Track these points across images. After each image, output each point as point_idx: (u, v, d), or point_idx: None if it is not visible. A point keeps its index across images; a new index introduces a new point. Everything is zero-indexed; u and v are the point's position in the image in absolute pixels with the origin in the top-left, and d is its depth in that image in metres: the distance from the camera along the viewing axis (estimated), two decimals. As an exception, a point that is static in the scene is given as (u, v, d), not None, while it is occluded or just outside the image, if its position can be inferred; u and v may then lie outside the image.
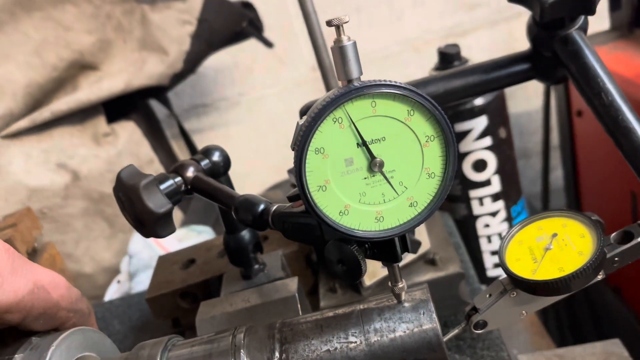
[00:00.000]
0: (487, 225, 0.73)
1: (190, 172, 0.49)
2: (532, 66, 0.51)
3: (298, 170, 0.32)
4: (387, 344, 0.37)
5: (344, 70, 0.32)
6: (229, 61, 1.31)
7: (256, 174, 1.40)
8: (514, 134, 0.74)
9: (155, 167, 0.98)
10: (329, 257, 0.37)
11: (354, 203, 0.33)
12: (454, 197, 0.71)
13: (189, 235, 0.95)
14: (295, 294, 0.47)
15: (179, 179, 0.48)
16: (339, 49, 0.32)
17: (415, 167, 0.33)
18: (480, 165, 0.69)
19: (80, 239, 0.88)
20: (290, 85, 1.37)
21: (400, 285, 0.37)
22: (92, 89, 0.85)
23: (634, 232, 0.38)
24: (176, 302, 0.61)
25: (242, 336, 0.40)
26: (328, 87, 0.73)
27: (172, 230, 0.46)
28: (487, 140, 0.68)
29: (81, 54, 0.86)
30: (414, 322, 0.38)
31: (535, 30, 0.49)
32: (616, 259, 0.37)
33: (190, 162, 0.50)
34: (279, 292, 0.47)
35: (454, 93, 0.53)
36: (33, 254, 0.68)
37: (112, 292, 0.84)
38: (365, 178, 0.33)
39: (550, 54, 0.49)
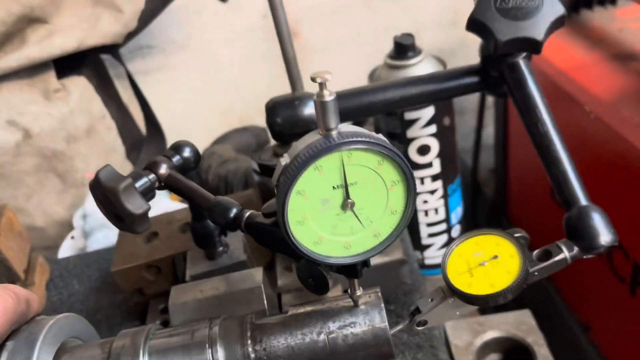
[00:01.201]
0: (425, 202, 0.80)
1: (163, 170, 0.52)
2: (481, 80, 0.57)
3: (281, 208, 0.37)
4: (345, 339, 0.44)
5: (324, 121, 0.36)
6: (177, 2, 1.27)
7: (200, 118, 1.41)
8: None
9: (107, 123, 0.98)
10: (300, 273, 0.42)
11: (327, 235, 0.39)
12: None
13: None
14: (261, 284, 0.52)
15: (152, 176, 0.51)
16: (321, 104, 0.36)
17: (380, 206, 0.39)
18: (424, 150, 0.75)
19: (32, 194, 0.89)
20: (239, 32, 1.35)
21: (358, 293, 0.44)
22: (43, 45, 0.82)
23: (552, 251, 0.46)
24: (141, 274, 0.65)
25: (217, 329, 0.46)
26: (280, 37, 0.73)
27: (147, 227, 0.49)
28: (433, 128, 0.74)
29: (31, 9, 0.82)
30: (367, 322, 0.44)
31: (487, 52, 0.54)
32: (536, 273, 0.45)
33: (162, 159, 0.52)
34: (246, 283, 0.53)
35: (409, 99, 0.58)
36: (-8, 220, 0.69)
37: (66, 248, 0.86)
38: (337, 214, 0.38)
39: (498, 74, 0.54)
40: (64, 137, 0.88)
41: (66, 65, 0.91)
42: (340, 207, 0.38)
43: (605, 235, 0.45)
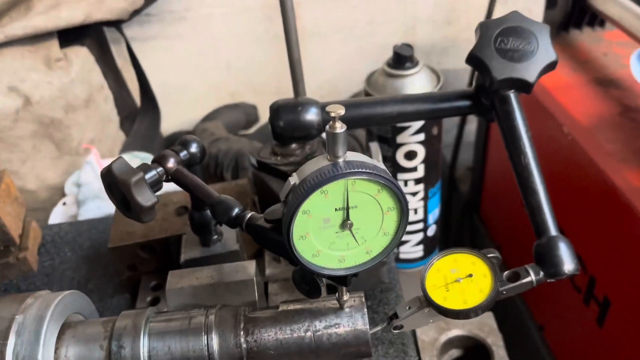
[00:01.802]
0: (407, 202, 0.85)
1: (171, 164, 0.55)
2: (473, 104, 0.61)
3: (287, 224, 0.41)
4: (329, 338, 0.49)
5: (333, 150, 0.40)
6: (178, -28, 1.27)
7: (192, 90, 1.43)
8: (444, 88, 0.81)
9: (104, 94, 0.99)
10: (295, 278, 0.47)
11: (325, 249, 0.43)
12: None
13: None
14: (254, 277, 0.56)
15: (160, 169, 0.55)
16: (333, 135, 0.40)
17: (375, 227, 0.43)
18: (411, 155, 0.80)
19: (27, 158, 0.91)
20: (238, 9, 1.36)
21: (344, 298, 0.49)
22: (49, 15, 0.83)
23: (520, 274, 0.51)
24: (136, 252, 0.69)
25: (213, 317, 0.50)
26: (288, 37, 0.76)
27: (153, 217, 0.53)
28: (421, 136, 0.78)
29: (38, -24, 0.83)
30: (351, 324, 0.49)
31: (481, 83, 0.58)
32: (504, 292, 0.50)
33: (170, 153, 0.56)
34: (239, 274, 0.57)
35: (405, 116, 0.62)
36: (-8, 186, 0.72)
37: (58, 214, 0.89)
38: (336, 232, 0.42)
39: (489, 103, 0.58)
40: (62, 106, 0.90)
41: (69, 35, 0.92)
42: (340, 226, 0.42)
43: (568, 265, 0.50)
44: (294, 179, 0.41)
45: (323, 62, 1.40)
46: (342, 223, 0.42)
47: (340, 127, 0.40)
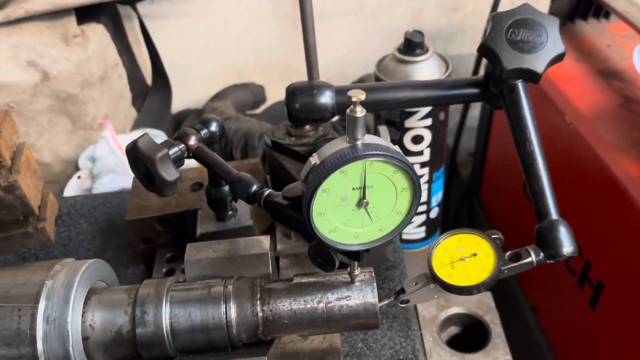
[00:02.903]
0: (412, 185, 0.88)
1: (192, 141, 0.58)
2: (481, 92, 0.63)
3: (307, 202, 0.43)
4: (340, 309, 0.52)
5: (353, 133, 0.43)
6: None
7: (200, 69, 1.44)
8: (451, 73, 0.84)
9: (119, 71, 1.01)
10: (311, 252, 0.49)
11: (341, 225, 0.46)
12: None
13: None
14: (268, 251, 0.59)
15: (182, 146, 0.57)
16: (353, 118, 0.42)
17: (389, 207, 0.46)
18: (418, 139, 0.82)
19: (43, 132, 0.93)
20: (251, -11, 1.38)
21: (356, 272, 0.52)
22: (70, -8, 0.85)
23: (522, 254, 0.54)
24: (153, 225, 0.71)
25: (231, 287, 0.53)
26: (304, 23, 0.78)
27: (175, 191, 0.56)
28: (428, 121, 0.80)
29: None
30: (361, 297, 0.52)
31: (491, 71, 0.60)
32: (506, 272, 0.53)
33: (192, 131, 0.58)
34: (255, 248, 0.60)
35: (415, 101, 0.64)
36: (14, 158, 0.74)
37: (72, 187, 0.91)
38: (352, 210, 0.45)
39: (497, 91, 0.61)
40: (79, 82, 0.92)
41: (86, 12, 0.94)
42: (356, 204, 0.45)
43: (567, 247, 0.53)
44: (314, 159, 0.44)
45: (330, 44, 1.41)
46: (359, 201, 0.45)
47: (360, 112, 0.42)
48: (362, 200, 0.45)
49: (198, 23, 1.39)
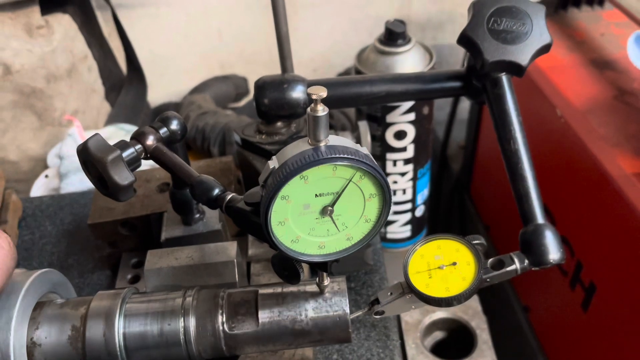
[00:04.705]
0: (395, 182, 0.84)
1: (150, 141, 0.53)
2: (463, 86, 0.59)
3: (265, 209, 0.39)
4: (309, 323, 0.48)
5: (314, 134, 0.39)
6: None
7: (181, 60, 1.40)
8: (439, 64, 0.81)
9: (88, 63, 0.96)
10: (274, 263, 0.45)
11: (304, 235, 0.42)
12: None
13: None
14: (235, 259, 0.55)
15: (139, 146, 0.53)
16: (314, 118, 0.38)
17: (357, 214, 0.42)
18: (401, 135, 0.78)
19: (8, 128, 0.88)
20: (230, -24, 1.33)
21: (325, 283, 0.48)
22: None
23: (505, 261, 0.50)
24: (116, 229, 0.67)
25: (190, 300, 0.49)
26: (275, 11, 0.73)
27: (131, 196, 0.51)
28: (411, 116, 0.76)
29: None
30: (330, 308, 0.48)
31: (473, 63, 0.56)
32: (487, 280, 0.49)
33: (150, 130, 0.54)
34: (219, 255, 0.56)
35: (393, 96, 0.60)
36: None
37: (39, 186, 0.87)
38: (316, 218, 0.41)
39: (480, 85, 0.57)
40: (44, 75, 0.87)
41: (51, 1, 0.89)
42: (320, 212, 0.41)
43: (554, 254, 0.49)
44: (273, 163, 0.40)
45: (315, 33, 1.37)
46: (323, 209, 0.41)
47: (322, 110, 0.38)
48: (326, 208, 0.41)
49: (177, 12, 1.34)
